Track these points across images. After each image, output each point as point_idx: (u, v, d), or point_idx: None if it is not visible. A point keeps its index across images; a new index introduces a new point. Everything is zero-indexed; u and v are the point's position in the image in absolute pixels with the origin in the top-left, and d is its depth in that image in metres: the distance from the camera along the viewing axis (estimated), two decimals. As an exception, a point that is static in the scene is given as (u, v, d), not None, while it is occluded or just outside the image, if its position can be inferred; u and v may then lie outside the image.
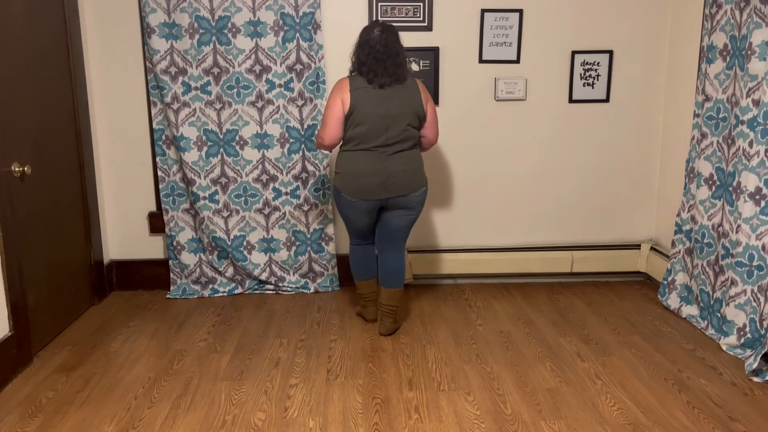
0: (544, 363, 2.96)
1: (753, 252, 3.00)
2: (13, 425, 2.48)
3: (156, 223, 3.90)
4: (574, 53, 3.83)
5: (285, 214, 3.85)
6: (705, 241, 3.34)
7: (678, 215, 3.58)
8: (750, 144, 2.98)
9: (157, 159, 3.77)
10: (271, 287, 3.94)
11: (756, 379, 2.78)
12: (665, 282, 3.66)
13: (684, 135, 3.70)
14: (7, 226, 2.82)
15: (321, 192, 3.84)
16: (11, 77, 2.91)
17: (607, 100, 3.91)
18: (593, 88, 3.88)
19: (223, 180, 3.77)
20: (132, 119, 3.80)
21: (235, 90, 3.67)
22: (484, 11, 3.74)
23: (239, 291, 3.91)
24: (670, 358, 3.00)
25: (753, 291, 3.01)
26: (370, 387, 2.75)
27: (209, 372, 2.90)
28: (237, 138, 3.73)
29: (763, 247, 2.97)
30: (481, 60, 3.81)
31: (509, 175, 3.99)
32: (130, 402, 2.65)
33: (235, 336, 3.29)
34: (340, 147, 3.12)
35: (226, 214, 3.81)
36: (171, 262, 3.89)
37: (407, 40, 3.71)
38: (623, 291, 3.92)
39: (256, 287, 3.94)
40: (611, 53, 3.84)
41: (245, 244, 3.86)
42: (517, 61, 3.83)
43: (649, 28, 3.84)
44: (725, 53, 3.16)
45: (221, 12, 3.57)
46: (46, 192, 3.22)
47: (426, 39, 3.77)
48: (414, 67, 3.77)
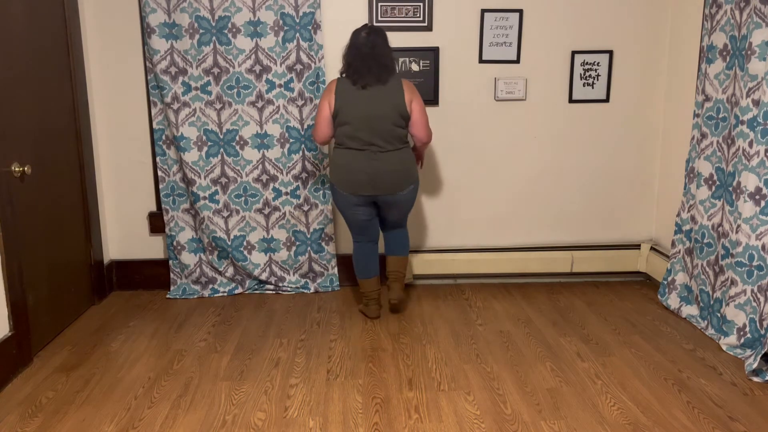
0: (544, 363, 2.96)
1: (753, 252, 3.00)
2: (13, 425, 2.48)
3: (156, 223, 3.90)
4: (574, 53, 3.83)
5: (285, 214, 3.85)
6: (705, 241, 3.34)
7: (678, 215, 3.58)
8: (750, 144, 2.98)
9: (157, 159, 3.77)
10: (271, 287, 3.94)
11: (756, 379, 2.78)
12: (665, 282, 3.66)
13: (684, 135, 3.70)
14: (7, 226, 2.82)
15: (321, 192, 3.84)
16: (11, 77, 2.91)
17: (607, 100, 3.91)
18: (593, 88, 3.89)
19: (223, 180, 3.77)
20: (132, 119, 3.80)
21: (235, 90, 3.67)
22: (484, 11, 3.74)
23: (239, 291, 3.92)
24: (670, 358, 3.00)
25: (753, 291, 3.01)
26: (370, 387, 2.75)
27: (209, 372, 2.90)
28: (237, 138, 3.73)
29: (763, 247, 2.97)
30: (481, 60, 3.82)
31: (509, 175, 3.99)
32: (130, 402, 2.65)
33: (235, 336, 3.29)
34: (333, 143, 3.31)
35: (226, 214, 3.81)
36: (171, 262, 3.89)
37: (407, 40, 3.72)
38: (623, 291, 3.92)
39: (256, 287, 3.94)
40: (611, 53, 3.84)
41: (245, 244, 3.86)
42: (517, 61, 3.83)
43: (649, 28, 3.84)
44: (725, 53, 3.16)
45: (221, 12, 3.57)
46: (46, 192, 3.22)
47: (426, 39, 3.77)
48: (414, 67, 3.77)
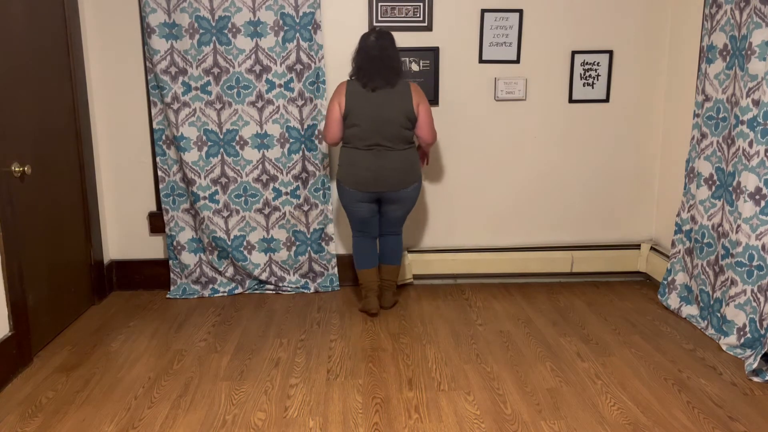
0: (544, 363, 2.96)
1: (753, 252, 3.00)
2: (13, 425, 2.48)
3: (156, 223, 3.90)
4: (574, 53, 3.83)
5: (285, 214, 3.85)
6: (705, 241, 3.34)
7: (678, 215, 3.58)
8: (750, 144, 2.98)
9: (157, 159, 3.77)
10: (271, 287, 3.94)
11: (756, 379, 2.78)
12: (665, 282, 3.66)
13: (684, 135, 3.70)
14: (7, 226, 2.82)
15: (321, 192, 3.84)
16: (11, 77, 2.91)
17: (607, 100, 3.91)
18: (593, 88, 3.89)
19: (223, 180, 3.77)
20: (132, 119, 3.80)
21: (235, 90, 3.67)
22: (484, 11, 3.74)
23: (239, 291, 3.92)
24: (670, 358, 3.00)
25: (753, 291, 3.01)
26: (370, 387, 2.75)
27: (209, 372, 2.90)
28: (237, 138, 3.73)
29: (763, 247, 2.97)
30: (481, 60, 3.82)
31: (509, 175, 3.99)
32: (130, 402, 2.65)
33: (235, 336, 3.29)
34: (342, 143, 3.40)
35: (226, 214, 3.81)
36: (171, 262, 3.89)
37: (407, 40, 3.72)
38: (623, 291, 3.92)
39: (256, 287, 3.94)
40: (611, 53, 3.84)
41: (245, 244, 3.86)
42: (517, 61, 3.83)
43: (649, 28, 3.84)
44: (725, 53, 3.16)
45: (221, 12, 3.57)
46: (46, 192, 3.22)
47: (426, 39, 3.77)
48: (414, 67, 3.77)
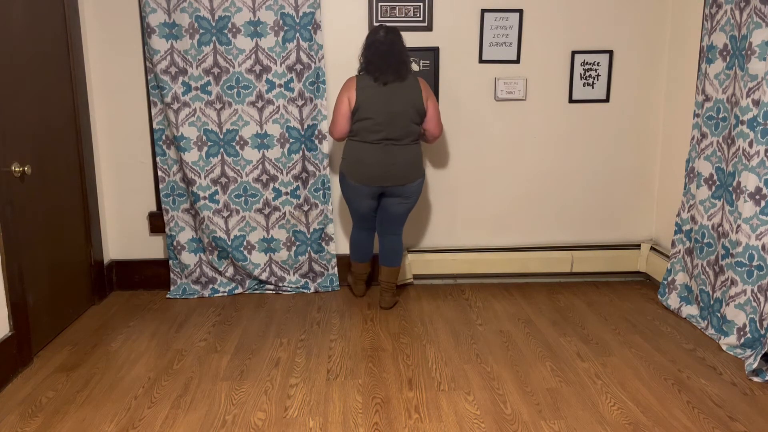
0: (544, 363, 2.96)
1: (753, 252, 3.00)
2: (14, 425, 2.48)
3: (156, 223, 3.90)
4: (574, 53, 3.83)
5: (285, 214, 3.85)
6: (705, 241, 3.34)
7: (678, 215, 3.58)
8: (750, 144, 2.98)
9: (157, 159, 3.77)
10: (271, 287, 3.94)
11: (756, 379, 2.78)
12: (665, 282, 3.66)
13: (684, 135, 3.70)
14: (7, 226, 2.82)
15: (321, 192, 3.84)
16: (11, 77, 2.91)
17: (607, 100, 3.91)
18: (593, 88, 3.89)
19: (223, 180, 3.77)
20: (132, 119, 3.80)
21: (235, 90, 3.67)
22: (484, 11, 3.74)
23: (239, 291, 3.92)
24: (670, 358, 3.01)
25: (753, 291, 3.01)
26: (370, 387, 2.75)
27: (209, 372, 2.91)
28: (237, 138, 3.73)
29: (763, 247, 2.97)
30: (481, 60, 3.82)
31: (509, 175, 3.99)
32: (130, 402, 2.65)
33: (235, 336, 3.29)
34: (348, 137, 3.40)
35: (226, 214, 3.81)
36: (171, 262, 3.89)
37: (407, 40, 3.71)
38: (623, 291, 3.92)
39: (256, 287, 3.94)
40: (611, 53, 3.84)
41: (245, 244, 3.86)
42: (517, 61, 3.83)
43: (649, 28, 3.84)
44: (725, 53, 3.16)
45: (221, 12, 3.57)
46: (46, 192, 3.22)
47: (426, 39, 3.77)
48: (414, 67, 3.77)
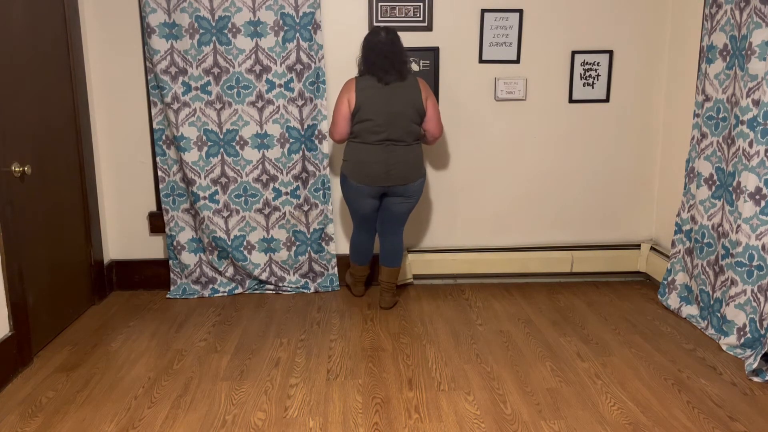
0: (544, 363, 2.96)
1: (753, 252, 3.00)
2: (14, 425, 2.48)
3: (156, 223, 3.90)
4: (574, 53, 3.83)
5: (285, 214, 3.85)
6: (705, 241, 3.34)
7: (678, 215, 3.58)
8: (750, 144, 2.98)
9: (158, 159, 3.77)
10: (271, 287, 3.94)
11: (756, 379, 2.78)
12: (665, 282, 3.66)
13: (684, 135, 3.70)
14: (7, 226, 2.82)
15: (321, 192, 3.84)
16: (11, 77, 2.91)
17: (607, 100, 3.91)
18: (593, 88, 3.89)
19: (223, 180, 3.77)
20: (132, 119, 3.80)
21: (235, 90, 3.67)
22: (484, 11, 3.74)
23: (239, 291, 3.92)
24: (670, 358, 3.01)
25: (753, 291, 3.01)
26: (370, 387, 2.75)
27: (209, 372, 2.91)
28: (237, 138, 3.73)
29: (763, 247, 2.97)
30: (481, 60, 3.82)
31: (509, 175, 3.99)
32: (130, 402, 2.65)
33: (235, 336, 3.29)
34: (349, 138, 3.41)
35: (226, 214, 3.81)
36: (171, 262, 3.89)
37: (407, 40, 3.72)
38: (623, 291, 3.92)
39: (256, 287, 3.94)
40: (611, 53, 3.84)
41: (245, 244, 3.86)
42: (517, 61, 3.83)
43: (649, 28, 3.84)
44: (725, 53, 3.16)
45: (221, 12, 3.57)
46: (46, 192, 3.22)
47: (426, 39, 3.77)
48: (414, 67, 3.77)
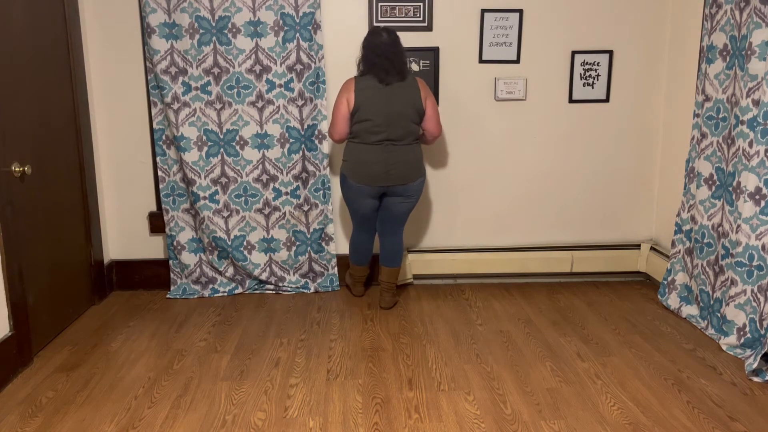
0: (544, 363, 2.96)
1: (753, 252, 3.00)
2: (14, 425, 2.48)
3: (156, 223, 3.90)
4: (574, 53, 3.83)
5: (285, 214, 3.85)
6: (705, 241, 3.34)
7: (678, 215, 3.58)
8: (750, 144, 2.98)
9: (158, 159, 3.77)
10: (271, 287, 3.94)
11: (756, 379, 2.78)
12: (665, 282, 3.66)
13: (684, 135, 3.70)
14: (7, 226, 2.82)
15: (321, 192, 3.84)
16: (11, 77, 2.91)
17: (607, 100, 3.91)
18: (593, 88, 3.89)
19: (223, 180, 3.77)
20: (132, 119, 3.80)
21: (235, 90, 3.67)
22: (484, 11, 3.74)
23: (239, 291, 3.92)
24: (670, 358, 3.01)
25: (753, 291, 3.01)
26: (370, 387, 2.75)
27: (209, 372, 2.91)
28: (237, 138, 3.73)
29: (763, 247, 2.97)
30: (481, 60, 3.82)
31: (509, 175, 3.99)
32: (130, 402, 2.65)
33: (235, 336, 3.29)
34: (348, 138, 3.40)
35: (226, 214, 3.81)
36: (171, 262, 3.89)
37: (407, 40, 3.72)
38: (623, 291, 3.92)
39: (256, 287, 3.94)
40: (611, 53, 3.84)
41: (245, 244, 3.86)
42: (517, 61, 3.83)
43: (649, 28, 3.84)
44: (725, 53, 3.17)
45: (221, 12, 3.57)
46: (46, 192, 3.22)
47: (426, 39, 3.77)
48: (414, 67, 3.77)
